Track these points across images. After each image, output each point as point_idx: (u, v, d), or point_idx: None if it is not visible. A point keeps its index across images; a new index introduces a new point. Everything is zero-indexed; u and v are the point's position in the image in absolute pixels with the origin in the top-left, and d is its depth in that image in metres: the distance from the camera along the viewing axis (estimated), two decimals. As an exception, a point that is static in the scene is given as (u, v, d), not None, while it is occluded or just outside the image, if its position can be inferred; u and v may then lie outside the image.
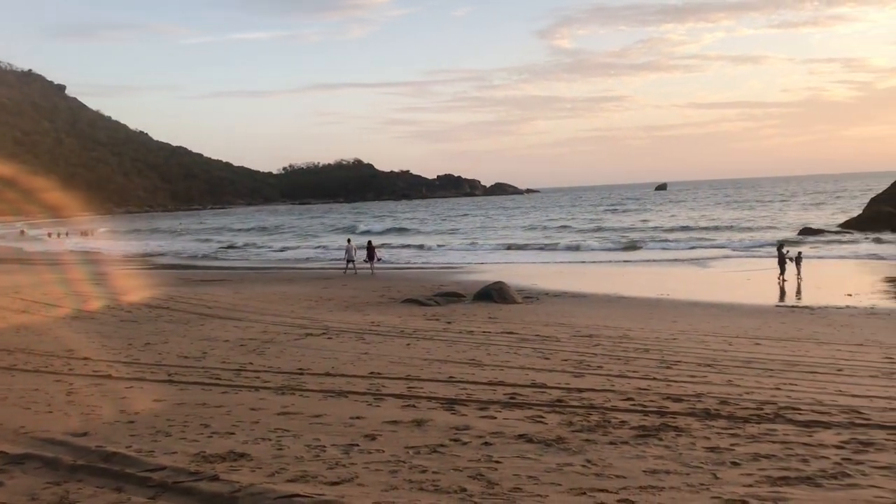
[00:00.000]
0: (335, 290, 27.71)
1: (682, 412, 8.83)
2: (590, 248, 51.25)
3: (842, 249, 42.17)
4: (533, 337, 15.90)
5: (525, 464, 6.59)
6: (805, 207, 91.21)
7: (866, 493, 5.63)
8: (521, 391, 10.17)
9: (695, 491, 5.73)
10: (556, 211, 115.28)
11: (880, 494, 5.57)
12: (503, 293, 23.70)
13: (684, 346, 14.57)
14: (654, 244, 51.87)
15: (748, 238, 53.39)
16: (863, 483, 5.90)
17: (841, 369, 11.99)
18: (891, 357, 13.17)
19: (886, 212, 53.24)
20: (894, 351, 13.91)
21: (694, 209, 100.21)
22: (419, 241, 63.74)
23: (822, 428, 7.97)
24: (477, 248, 55.10)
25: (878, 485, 5.85)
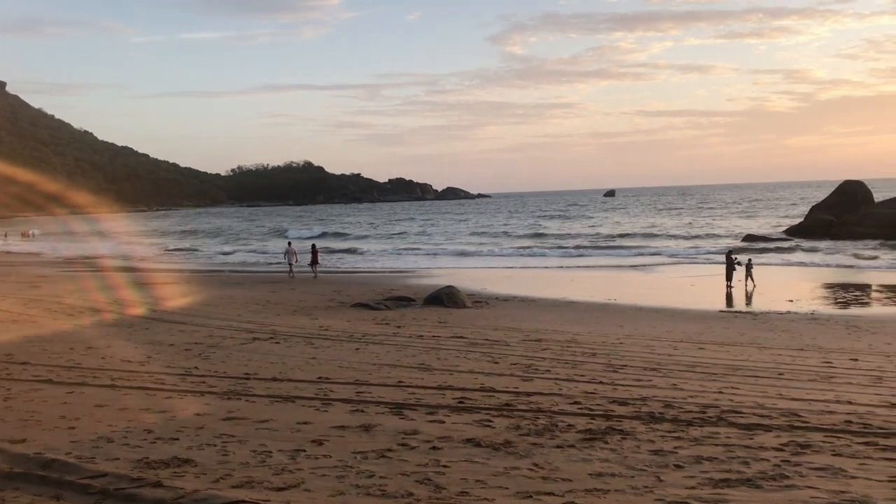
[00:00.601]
0: (283, 294, 27.44)
1: (627, 415, 8.95)
2: (537, 253, 51.68)
3: (783, 256, 43.26)
4: (482, 341, 15.96)
5: (472, 468, 6.60)
6: (749, 214, 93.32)
7: (803, 493, 5.78)
8: (469, 395, 10.20)
9: (639, 493, 5.82)
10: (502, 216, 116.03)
11: (816, 495, 5.72)
12: (454, 297, 23.75)
13: (631, 351, 14.79)
14: (601, 251, 52.51)
15: (693, 245, 54.43)
16: (800, 484, 6.05)
17: (782, 373, 12.28)
18: (829, 361, 13.54)
19: (826, 220, 54.80)
20: (833, 355, 14.31)
21: (640, 216, 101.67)
22: (351, 246, 63.63)
23: (762, 431, 8.15)
24: (414, 253, 54.96)
25: (814, 486, 6.00)
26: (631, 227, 77.55)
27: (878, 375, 12.09)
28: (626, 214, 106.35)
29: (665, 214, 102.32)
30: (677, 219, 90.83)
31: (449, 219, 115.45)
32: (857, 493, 5.76)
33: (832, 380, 11.73)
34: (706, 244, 54.07)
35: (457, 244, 63.08)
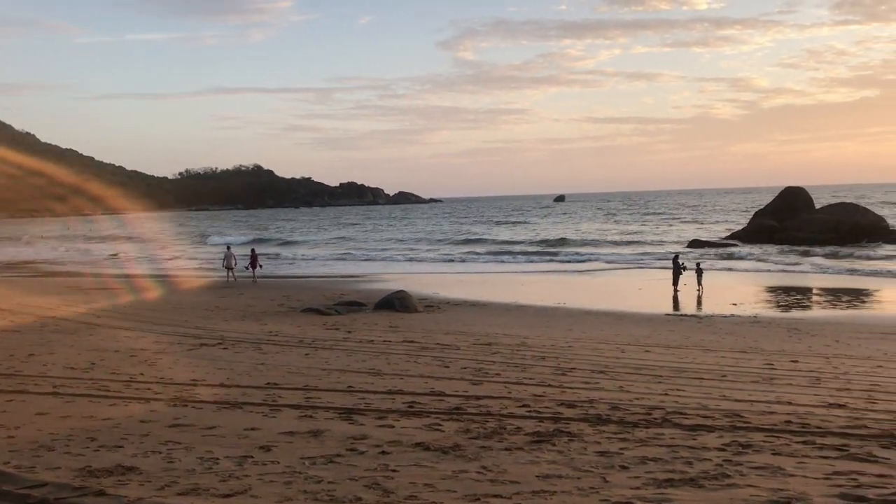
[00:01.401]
0: (231, 299, 27.11)
1: (575, 418, 9.07)
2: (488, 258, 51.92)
3: (728, 261, 44.19)
4: (433, 345, 15.99)
5: (421, 471, 6.62)
6: (694, 220, 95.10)
7: (743, 492, 5.93)
8: (419, 399, 10.22)
9: (585, 494, 5.90)
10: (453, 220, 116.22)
11: (756, 493, 5.87)
12: (405, 302, 23.75)
13: (579, 354, 14.97)
14: (551, 256, 52.95)
15: (640, 250, 55.28)
16: (740, 483, 6.21)
17: (725, 375, 12.56)
18: (771, 363, 13.88)
19: (769, 225, 56.14)
20: (775, 357, 14.67)
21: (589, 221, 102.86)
22: (296, 250, 63.14)
23: (705, 431, 8.33)
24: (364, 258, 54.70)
25: (754, 484, 6.16)
26: (580, 232, 78.36)
27: (816, 377, 12.44)
28: (576, 219, 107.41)
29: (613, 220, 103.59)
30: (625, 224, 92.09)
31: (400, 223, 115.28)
32: (794, 490, 5.93)
33: (773, 381, 12.03)
34: (653, 249, 54.94)
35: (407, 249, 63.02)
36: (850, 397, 10.62)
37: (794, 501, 5.59)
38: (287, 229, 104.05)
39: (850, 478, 6.36)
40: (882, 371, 13.08)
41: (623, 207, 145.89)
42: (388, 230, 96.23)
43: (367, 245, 69.30)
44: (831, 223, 52.24)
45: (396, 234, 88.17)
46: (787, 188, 60.02)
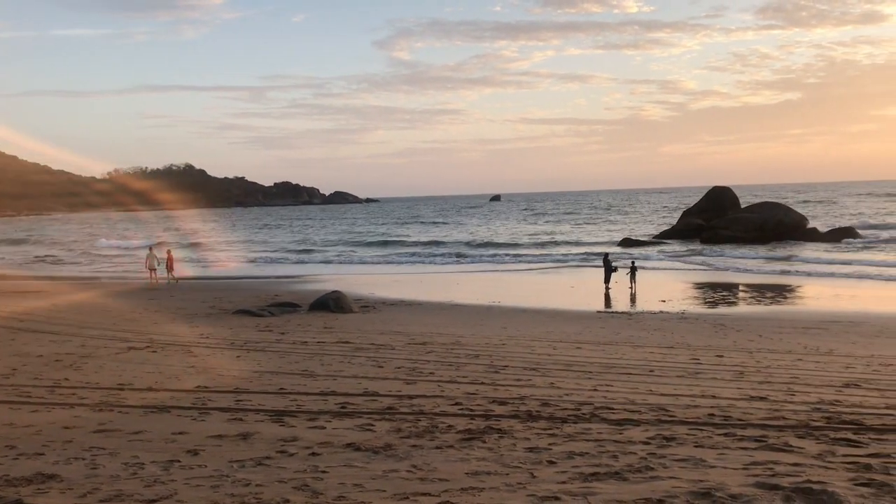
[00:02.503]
0: (162, 302, 26.55)
1: (506, 415, 9.18)
2: (425, 259, 52.00)
3: (657, 259, 45.20)
4: (368, 346, 15.97)
5: (351, 472, 6.62)
6: (626, 219, 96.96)
7: (666, 483, 6.09)
8: (352, 400, 10.20)
9: (512, 490, 5.98)
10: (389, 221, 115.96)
11: (677, 485, 6.04)
12: (340, 303, 23.62)
13: (512, 351, 15.14)
14: (486, 255, 53.32)
15: (573, 248, 56.11)
16: (663, 475, 6.38)
17: (652, 370, 12.87)
18: (697, 358, 14.27)
19: (697, 224, 57.64)
20: (700, 352, 15.09)
21: (524, 221, 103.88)
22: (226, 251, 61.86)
23: (632, 425, 8.53)
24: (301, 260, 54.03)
25: (676, 476, 6.34)
26: (515, 231, 79.08)
27: (740, 371, 12.84)
28: (511, 219, 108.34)
29: (547, 219, 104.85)
30: (558, 224, 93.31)
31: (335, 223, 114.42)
32: (714, 481, 6.12)
33: (699, 375, 12.37)
34: (585, 248, 55.81)
35: (342, 249, 62.61)
36: (771, 390, 11.00)
37: (713, 492, 5.76)
38: (203, 231, 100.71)
39: (766, 467, 6.60)
40: (801, 364, 13.57)
41: (557, 207, 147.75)
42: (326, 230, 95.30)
43: (308, 245, 68.20)
44: (756, 222, 53.88)
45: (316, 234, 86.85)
46: (713, 188, 61.72)
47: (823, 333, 18.03)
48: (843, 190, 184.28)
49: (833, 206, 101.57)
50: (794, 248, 48.49)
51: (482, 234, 76.09)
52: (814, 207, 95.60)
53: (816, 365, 13.49)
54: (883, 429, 8.34)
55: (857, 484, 6.02)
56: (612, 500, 5.68)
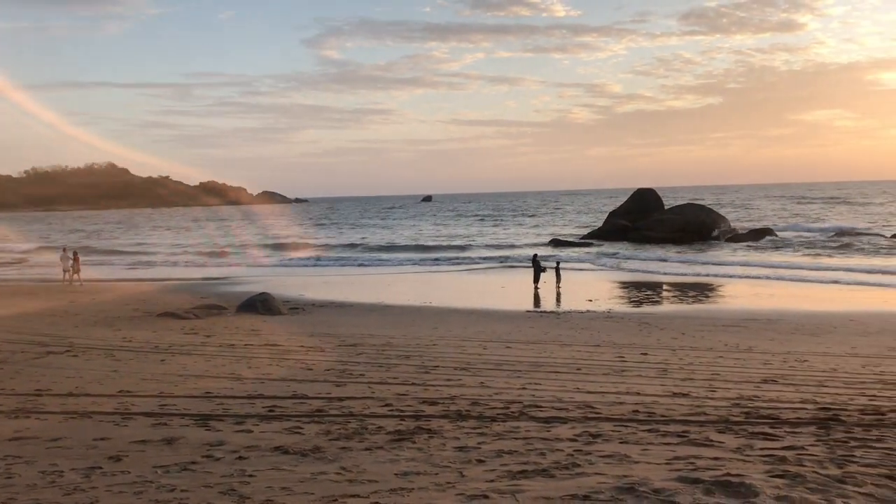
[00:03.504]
0: (83, 304, 25.72)
1: (436, 415, 9.22)
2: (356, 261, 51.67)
3: (585, 259, 45.99)
4: (297, 348, 15.80)
5: (279, 475, 6.55)
6: (554, 220, 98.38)
7: (591, 479, 6.22)
8: (280, 403, 10.09)
9: (441, 490, 6.02)
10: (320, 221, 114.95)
11: (602, 480, 6.17)
12: (268, 304, 23.30)
13: (443, 352, 15.19)
14: (418, 256, 53.32)
15: (503, 249, 56.62)
16: (589, 471, 6.51)
17: (580, 368, 13.10)
18: (622, 356, 14.58)
19: (622, 225, 58.86)
20: (626, 350, 15.42)
21: (455, 222, 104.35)
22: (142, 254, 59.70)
23: (559, 423, 8.67)
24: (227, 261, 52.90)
25: (601, 472, 6.48)
26: (446, 232, 79.35)
27: (664, 368, 13.17)
28: (442, 220, 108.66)
29: (478, 220, 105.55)
30: (489, 224, 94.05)
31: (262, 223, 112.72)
32: (637, 476, 6.27)
33: (624, 373, 12.65)
34: (515, 248, 56.40)
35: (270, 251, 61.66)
36: (693, 386, 11.33)
37: (636, 487, 5.91)
38: (106, 233, 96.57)
39: (688, 462, 6.80)
40: (722, 361, 14.01)
41: (487, 208, 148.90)
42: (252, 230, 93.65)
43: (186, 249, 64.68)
44: (679, 223, 55.36)
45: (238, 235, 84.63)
46: (638, 190, 63.11)
47: (743, 331, 18.63)
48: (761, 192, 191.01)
49: (752, 208, 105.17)
50: (715, 248, 50.01)
51: (413, 235, 76.04)
52: (734, 209, 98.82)
53: (736, 362, 13.93)
54: (798, 422, 8.69)
55: (772, 476, 6.25)
56: (540, 497, 5.77)
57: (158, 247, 68.01)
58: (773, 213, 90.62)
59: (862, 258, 41.69)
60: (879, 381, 11.79)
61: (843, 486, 6.03)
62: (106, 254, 58.50)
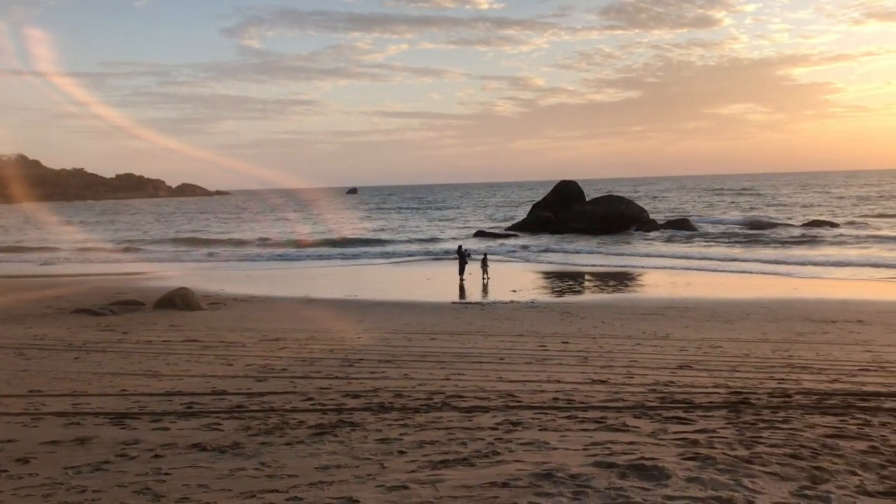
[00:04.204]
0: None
1: (358, 407, 9.19)
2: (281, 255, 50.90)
3: (509, 250, 46.49)
4: (217, 343, 15.52)
5: (196, 473, 6.42)
6: (479, 212, 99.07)
7: (510, 467, 6.30)
8: (199, 400, 9.89)
9: (362, 482, 6.00)
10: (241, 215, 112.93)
11: (521, 467, 6.26)
12: (187, 299, 22.78)
13: (367, 345, 15.15)
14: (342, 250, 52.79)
15: (429, 241, 56.73)
16: (509, 459, 6.59)
17: (503, 358, 13.25)
18: (544, 345, 14.81)
19: (545, 216, 59.71)
20: (548, 339, 15.66)
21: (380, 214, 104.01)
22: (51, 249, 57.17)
23: (481, 412, 8.75)
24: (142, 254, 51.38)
25: (521, 459, 6.57)
26: (371, 224, 79.01)
27: (584, 356, 13.44)
28: (368, 212, 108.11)
29: (403, 212, 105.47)
30: (414, 216, 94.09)
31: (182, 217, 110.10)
32: (556, 462, 6.39)
33: (545, 362, 12.85)
34: (440, 240, 56.58)
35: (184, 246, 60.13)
36: (612, 373, 11.59)
37: (554, 472, 6.02)
38: (14, 228, 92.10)
39: (604, 447, 6.95)
40: (640, 348, 14.37)
41: (412, 200, 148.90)
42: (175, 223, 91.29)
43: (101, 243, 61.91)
44: (600, 214, 56.50)
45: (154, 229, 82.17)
46: (560, 182, 64.08)
47: (660, 319, 19.16)
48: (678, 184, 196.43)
49: (669, 199, 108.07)
50: (634, 238, 51.24)
51: (338, 227, 75.40)
52: (652, 200, 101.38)
53: (654, 349, 14.32)
54: (710, 406, 8.99)
55: (684, 458, 6.46)
56: (460, 485, 5.82)
57: (71, 241, 65.65)
58: (689, 205, 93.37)
59: (773, 248, 43.38)
60: (787, 364, 12.30)
61: (751, 466, 6.27)
62: (14, 251, 56.18)
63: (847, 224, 57.31)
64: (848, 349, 14.04)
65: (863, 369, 11.76)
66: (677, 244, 47.17)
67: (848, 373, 11.44)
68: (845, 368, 11.86)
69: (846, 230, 52.53)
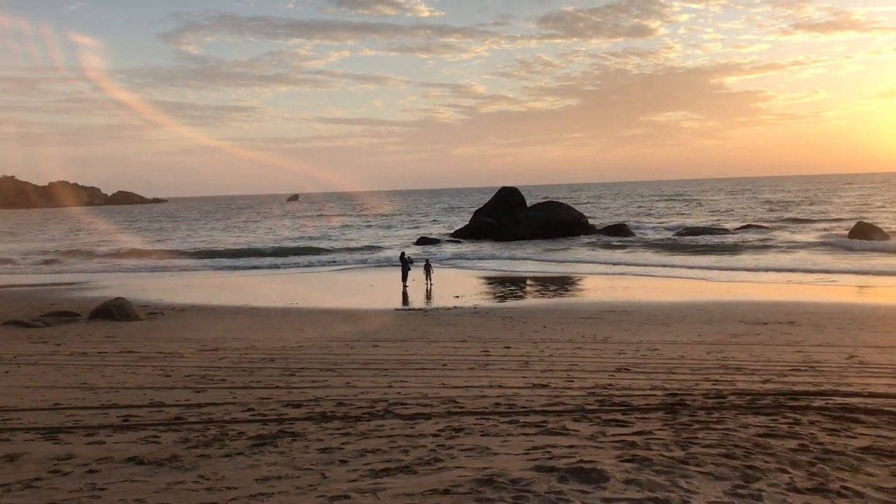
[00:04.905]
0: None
1: (300, 417, 9.11)
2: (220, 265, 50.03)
3: (452, 256, 46.62)
4: (155, 354, 15.21)
5: (133, 487, 6.29)
6: (422, 218, 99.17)
7: (452, 473, 6.33)
8: (136, 412, 9.67)
9: (302, 492, 5.96)
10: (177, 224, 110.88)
11: (463, 473, 6.30)
12: (124, 310, 22.29)
13: (309, 353, 15.02)
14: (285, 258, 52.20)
15: (371, 248, 56.52)
16: (450, 465, 6.62)
17: (446, 364, 13.28)
18: (487, 350, 14.90)
19: (488, 222, 60.09)
20: (490, 344, 15.76)
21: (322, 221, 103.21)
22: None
23: (423, 419, 8.76)
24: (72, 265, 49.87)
25: (463, 465, 6.61)
26: (313, 232, 78.33)
27: (525, 360, 13.56)
28: (310, 219, 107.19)
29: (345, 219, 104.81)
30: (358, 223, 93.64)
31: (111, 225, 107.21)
32: (497, 467, 6.44)
33: (488, 367, 12.93)
34: (384, 247, 56.41)
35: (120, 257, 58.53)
36: (553, 377, 11.72)
37: (495, 478, 6.07)
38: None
39: (545, 451, 7.04)
40: (580, 352, 14.57)
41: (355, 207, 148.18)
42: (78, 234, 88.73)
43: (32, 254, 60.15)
44: (541, 220, 57.16)
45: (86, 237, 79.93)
46: (502, 188, 64.60)
47: (600, 322, 19.45)
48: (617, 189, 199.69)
49: (608, 206, 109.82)
50: (574, 243, 51.93)
51: (279, 235, 74.54)
52: (591, 206, 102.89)
53: (593, 352, 14.53)
54: (647, 408, 9.16)
55: (622, 460, 6.58)
56: (401, 493, 5.82)
57: (30, 251, 63.42)
58: (627, 210, 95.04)
59: (707, 252, 44.45)
60: (722, 366, 12.62)
61: (686, 466, 6.42)
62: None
63: (777, 228, 59.08)
64: (779, 350, 14.48)
65: (793, 369, 12.14)
66: (616, 249, 47.98)
67: (779, 373, 11.79)
68: (777, 369, 12.22)
69: (777, 234, 54.15)
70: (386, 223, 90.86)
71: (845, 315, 19.92)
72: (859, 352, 13.96)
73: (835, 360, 13.08)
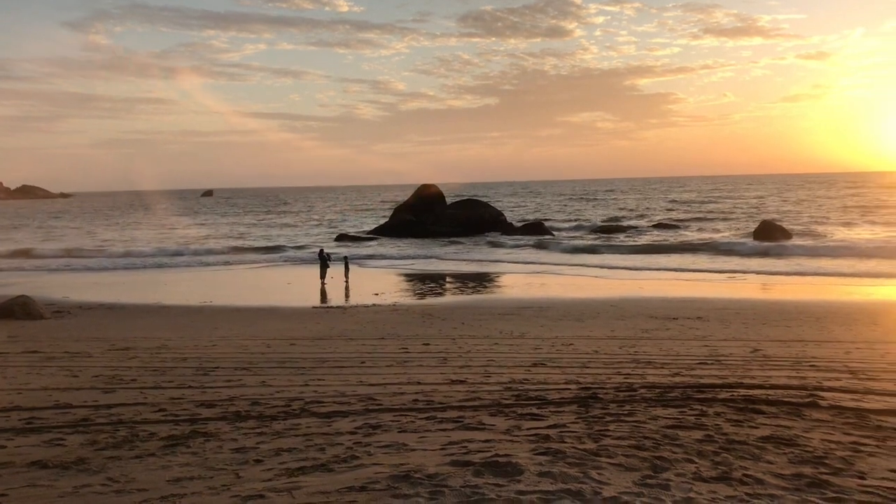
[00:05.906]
0: None
1: (213, 417, 8.93)
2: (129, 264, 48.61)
3: (372, 253, 46.47)
4: (61, 354, 14.66)
5: (35, 492, 6.06)
6: (341, 215, 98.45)
7: (369, 470, 6.33)
8: (40, 414, 9.30)
9: (216, 493, 5.86)
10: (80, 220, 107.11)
11: (380, 470, 6.31)
12: (28, 308, 21.40)
13: (223, 352, 14.74)
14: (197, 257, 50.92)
15: (288, 244, 55.80)
16: (367, 462, 6.62)
17: (364, 361, 13.23)
18: (406, 347, 14.91)
19: (408, 220, 60.11)
20: (409, 342, 15.78)
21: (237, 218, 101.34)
22: None
23: (340, 417, 8.72)
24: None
25: (379, 462, 6.61)
26: (227, 229, 76.78)
27: (444, 357, 13.64)
28: (222, 217, 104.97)
29: (261, 216, 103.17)
30: (274, 219, 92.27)
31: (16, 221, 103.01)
32: (414, 463, 6.47)
33: (406, 364, 12.95)
34: (302, 244, 55.74)
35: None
36: (470, 373, 11.83)
37: (411, 474, 6.10)
38: None
39: (461, 446, 7.11)
40: (497, 348, 14.74)
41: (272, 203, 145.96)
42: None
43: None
44: (460, 217, 57.54)
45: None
46: (422, 186, 64.68)
47: (517, 318, 19.72)
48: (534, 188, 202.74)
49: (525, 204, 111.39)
50: (493, 241, 52.47)
51: (191, 233, 72.72)
52: (509, 204, 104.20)
53: (510, 348, 14.73)
54: (561, 402, 9.36)
55: (536, 453, 6.71)
56: (317, 491, 5.79)
57: None
58: (544, 208, 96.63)
59: (621, 250, 45.60)
60: (633, 360, 12.98)
61: (598, 458, 6.59)
62: None
63: (685, 227, 61.05)
64: (688, 344, 14.98)
65: (701, 363, 12.58)
66: (533, 246, 48.72)
67: (687, 366, 12.21)
68: (685, 362, 12.65)
69: (688, 233, 55.96)
70: (304, 219, 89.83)
71: (750, 311, 20.76)
72: (762, 346, 14.58)
73: (739, 353, 13.62)
